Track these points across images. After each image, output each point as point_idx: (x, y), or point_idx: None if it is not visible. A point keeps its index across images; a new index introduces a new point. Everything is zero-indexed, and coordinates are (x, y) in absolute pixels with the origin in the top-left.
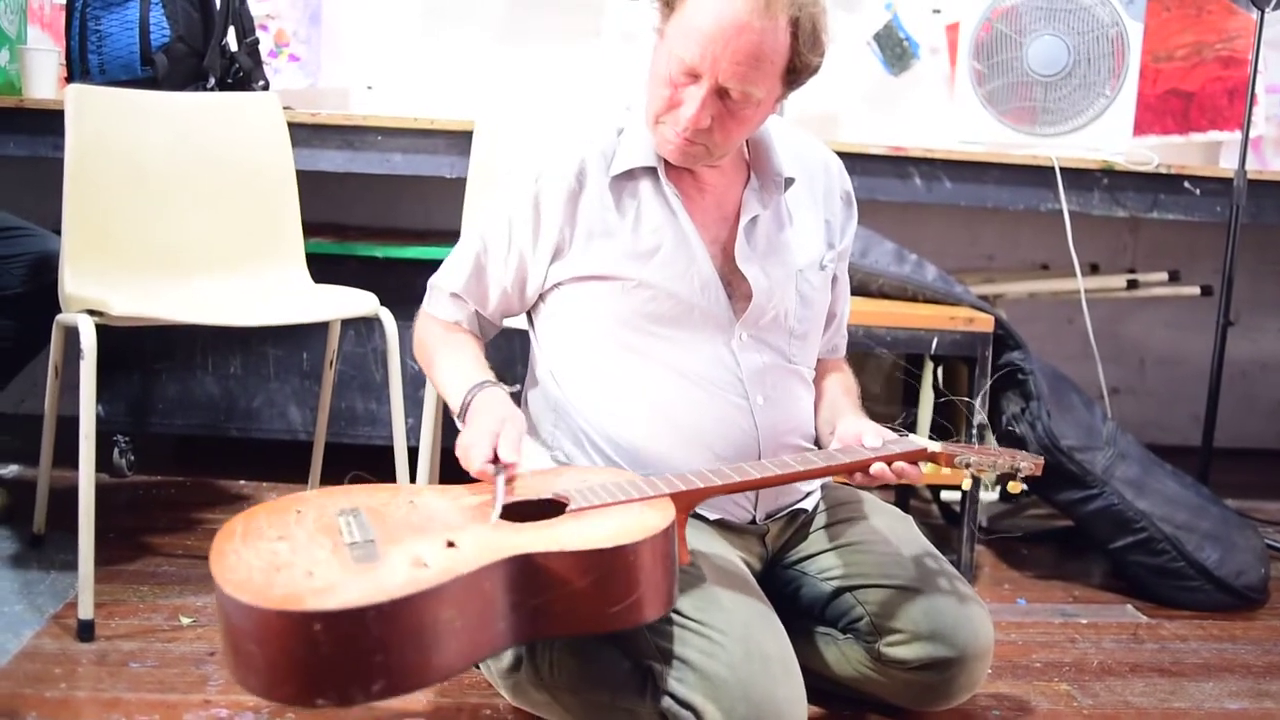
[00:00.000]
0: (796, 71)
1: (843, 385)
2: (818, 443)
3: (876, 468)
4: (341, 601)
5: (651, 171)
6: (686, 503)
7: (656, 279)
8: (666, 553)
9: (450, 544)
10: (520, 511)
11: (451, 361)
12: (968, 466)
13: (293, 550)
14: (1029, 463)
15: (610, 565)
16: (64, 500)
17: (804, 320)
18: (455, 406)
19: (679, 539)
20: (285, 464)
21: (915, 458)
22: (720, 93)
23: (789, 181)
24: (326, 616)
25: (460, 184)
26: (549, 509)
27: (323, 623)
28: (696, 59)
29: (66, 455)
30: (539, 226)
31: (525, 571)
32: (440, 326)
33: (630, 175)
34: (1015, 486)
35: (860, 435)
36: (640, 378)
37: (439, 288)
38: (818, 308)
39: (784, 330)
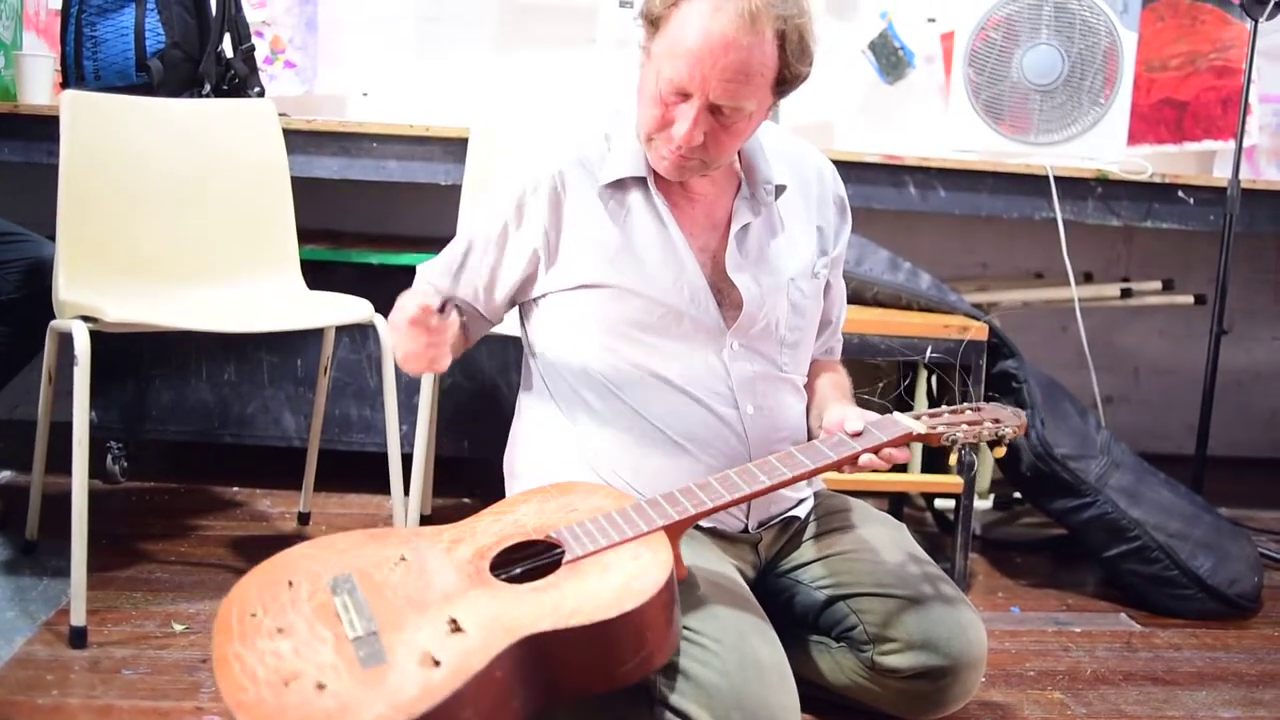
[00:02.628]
0: (786, 81)
1: (833, 381)
2: (809, 439)
3: (864, 459)
4: None
5: (641, 181)
6: (680, 529)
7: (646, 288)
8: (670, 603)
9: (454, 624)
10: (513, 557)
11: None
12: (954, 443)
13: (295, 651)
14: (1012, 426)
15: (618, 633)
16: (57, 506)
17: (795, 329)
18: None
19: (676, 561)
20: (279, 471)
21: (900, 442)
22: (712, 109)
23: (780, 189)
24: None
25: (455, 191)
26: (541, 552)
27: None
28: (685, 79)
29: (60, 461)
30: (527, 227)
31: (533, 651)
32: None
33: (620, 184)
34: (1000, 451)
35: (843, 420)
36: (630, 386)
37: (421, 283)
38: (809, 316)
39: (775, 339)
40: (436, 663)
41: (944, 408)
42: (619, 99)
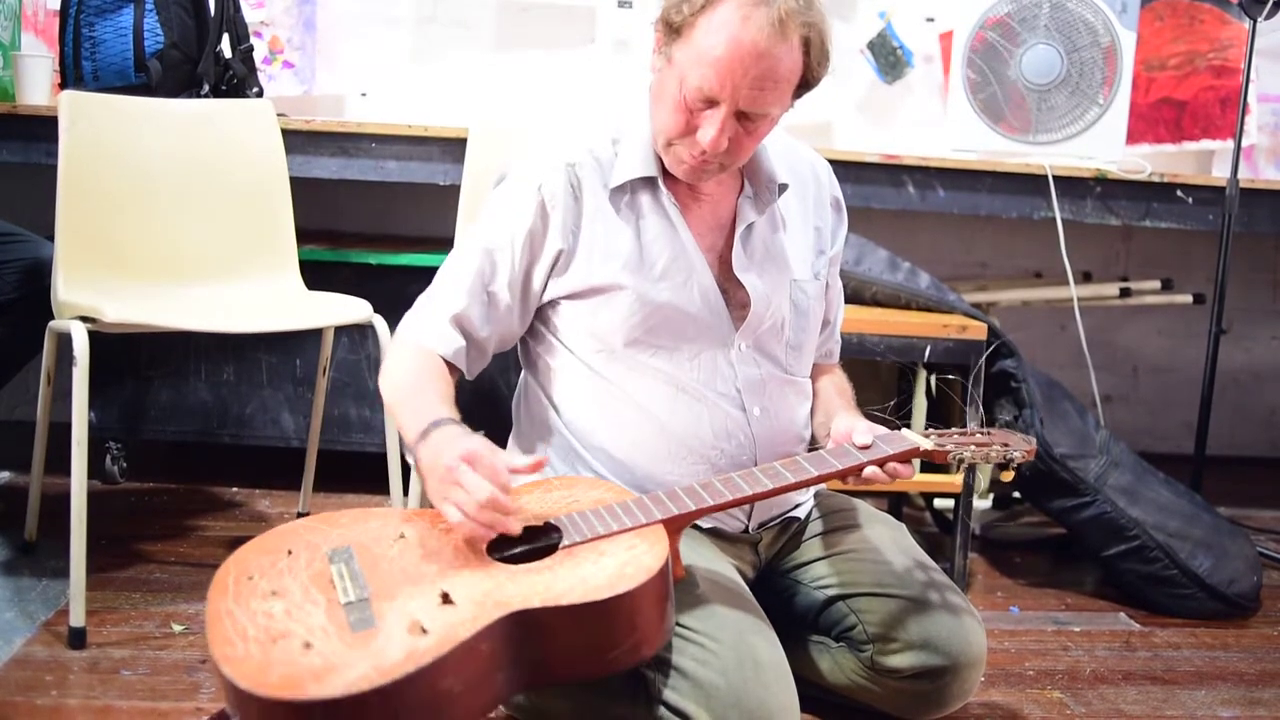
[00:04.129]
0: (807, 85)
1: (836, 386)
2: (814, 444)
3: (869, 471)
4: (342, 688)
5: (650, 182)
6: (680, 524)
7: (657, 291)
8: (663, 592)
9: (445, 597)
10: (510, 540)
11: (421, 394)
12: (961, 462)
13: (287, 612)
14: (1021, 451)
15: (608, 615)
16: (56, 507)
17: (800, 330)
18: (411, 436)
19: (674, 558)
20: (278, 471)
21: (907, 457)
22: (738, 115)
23: (783, 187)
24: (328, 705)
25: (454, 191)
26: (539, 537)
27: (324, 710)
28: (715, 88)
29: (59, 462)
30: (547, 231)
31: (522, 627)
32: (416, 362)
33: (628, 187)
34: (1008, 475)
35: (851, 433)
36: (637, 391)
37: (435, 312)
38: (812, 316)
39: (781, 340)
40: (424, 630)
41: (954, 429)
42: (618, 99)
